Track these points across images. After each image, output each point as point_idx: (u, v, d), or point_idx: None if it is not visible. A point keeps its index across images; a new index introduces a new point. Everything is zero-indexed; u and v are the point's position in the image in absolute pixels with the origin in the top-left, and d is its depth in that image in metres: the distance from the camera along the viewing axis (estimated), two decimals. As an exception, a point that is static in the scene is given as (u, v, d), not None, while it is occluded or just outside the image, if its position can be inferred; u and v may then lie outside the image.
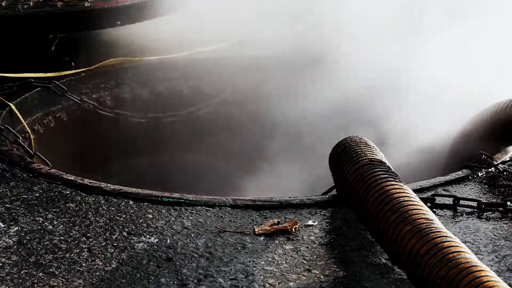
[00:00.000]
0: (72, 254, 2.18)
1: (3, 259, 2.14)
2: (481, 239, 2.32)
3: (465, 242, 2.19)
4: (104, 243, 2.25)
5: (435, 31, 4.07)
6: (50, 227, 2.35)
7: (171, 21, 4.32)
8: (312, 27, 4.36)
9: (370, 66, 4.01)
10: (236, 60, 4.25)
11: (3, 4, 4.19)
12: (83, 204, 2.52)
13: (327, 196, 2.64)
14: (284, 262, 2.16)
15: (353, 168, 2.33)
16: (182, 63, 4.31)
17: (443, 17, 4.16)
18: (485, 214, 2.51)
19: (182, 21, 4.30)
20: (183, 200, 2.55)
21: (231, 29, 4.29)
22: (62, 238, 2.28)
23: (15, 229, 2.33)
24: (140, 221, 2.40)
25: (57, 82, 3.85)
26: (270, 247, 2.25)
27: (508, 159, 2.95)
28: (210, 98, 4.33)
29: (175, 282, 2.04)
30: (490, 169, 2.85)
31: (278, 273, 2.10)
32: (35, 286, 2.01)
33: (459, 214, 2.52)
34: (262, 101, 4.25)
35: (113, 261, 2.15)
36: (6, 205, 2.49)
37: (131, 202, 2.54)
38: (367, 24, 4.14)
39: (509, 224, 2.44)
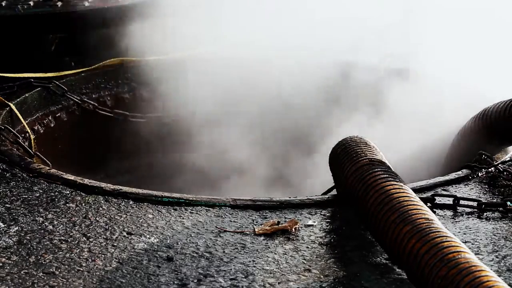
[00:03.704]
0: (72, 254, 2.18)
1: (3, 259, 2.14)
2: (481, 239, 2.32)
3: (465, 242, 2.19)
4: (104, 243, 2.25)
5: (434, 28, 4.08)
6: (50, 227, 2.35)
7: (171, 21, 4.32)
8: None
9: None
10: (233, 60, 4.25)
11: (3, 4, 4.19)
12: (83, 204, 2.52)
13: (327, 196, 2.64)
14: (284, 262, 2.16)
15: (353, 168, 2.33)
16: (181, 63, 4.31)
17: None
18: (485, 214, 2.51)
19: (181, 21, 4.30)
20: (183, 200, 2.55)
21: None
22: (62, 238, 2.28)
23: (15, 229, 2.33)
24: (140, 221, 2.41)
25: (57, 82, 3.85)
26: (270, 247, 2.25)
27: (508, 159, 2.95)
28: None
29: (175, 282, 2.04)
30: (490, 169, 2.85)
31: (278, 273, 2.10)
32: (35, 286, 2.02)
33: (459, 214, 2.52)
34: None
35: (113, 261, 2.15)
36: (6, 205, 2.49)
37: (131, 202, 2.54)
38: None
39: (509, 224, 2.44)
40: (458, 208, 2.54)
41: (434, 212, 2.47)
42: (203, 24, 4.23)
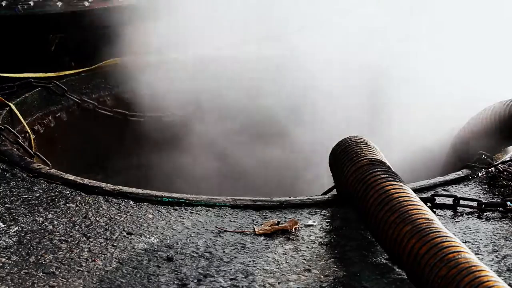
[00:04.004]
0: (72, 254, 2.18)
1: (3, 259, 2.14)
2: (481, 239, 2.32)
3: (465, 242, 2.19)
4: (104, 243, 2.25)
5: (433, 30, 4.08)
6: (50, 227, 2.35)
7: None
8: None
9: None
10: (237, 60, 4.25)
11: (3, 4, 4.19)
12: (83, 204, 2.52)
13: (327, 196, 2.64)
14: (284, 262, 2.16)
15: (353, 168, 2.33)
16: (181, 63, 4.31)
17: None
18: (485, 214, 2.51)
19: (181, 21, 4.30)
20: (183, 200, 2.55)
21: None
22: (62, 238, 2.28)
23: (15, 229, 2.33)
24: (140, 221, 2.41)
25: (57, 82, 3.85)
26: (270, 247, 2.25)
27: (508, 159, 2.95)
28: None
29: (175, 282, 2.04)
30: (490, 169, 2.85)
31: (278, 273, 2.10)
32: (35, 286, 2.02)
33: (459, 214, 2.52)
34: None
35: (113, 261, 2.15)
36: (6, 205, 2.49)
37: (131, 202, 2.54)
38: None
39: (509, 224, 2.44)
40: (458, 208, 2.54)
41: (434, 212, 2.47)
42: (202, 23, 4.23)
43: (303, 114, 4.18)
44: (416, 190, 2.57)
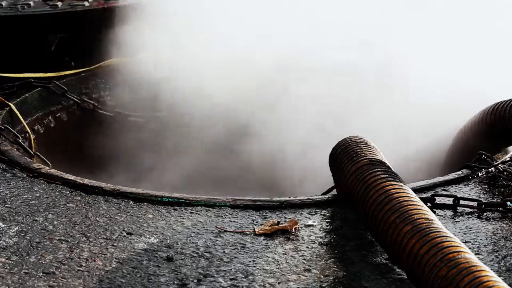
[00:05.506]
0: (72, 254, 2.18)
1: (3, 259, 2.14)
2: (481, 239, 2.32)
3: (465, 242, 2.19)
4: (104, 243, 2.25)
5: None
6: (50, 227, 2.35)
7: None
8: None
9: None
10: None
11: (3, 4, 4.19)
12: (83, 204, 2.52)
13: (327, 196, 2.64)
14: (284, 262, 2.17)
15: (353, 168, 2.33)
16: (180, 63, 4.31)
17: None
18: (485, 214, 2.51)
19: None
20: (183, 200, 2.55)
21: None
22: (62, 238, 2.28)
23: (15, 229, 2.33)
24: (140, 221, 2.41)
25: (57, 82, 3.86)
26: (270, 247, 2.25)
27: (508, 159, 2.95)
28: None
29: (175, 282, 2.04)
30: (490, 169, 2.85)
31: (278, 273, 2.10)
32: (35, 286, 2.02)
33: (459, 214, 2.52)
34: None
35: (113, 261, 2.15)
36: (6, 205, 2.49)
37: (131, 202, 2.54)
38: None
39: (509, 224, 2.44)
40: (458, 208, 2.54)
41: (434, 212, 2.47)
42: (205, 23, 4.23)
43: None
44: (416, 190, 2.57)
